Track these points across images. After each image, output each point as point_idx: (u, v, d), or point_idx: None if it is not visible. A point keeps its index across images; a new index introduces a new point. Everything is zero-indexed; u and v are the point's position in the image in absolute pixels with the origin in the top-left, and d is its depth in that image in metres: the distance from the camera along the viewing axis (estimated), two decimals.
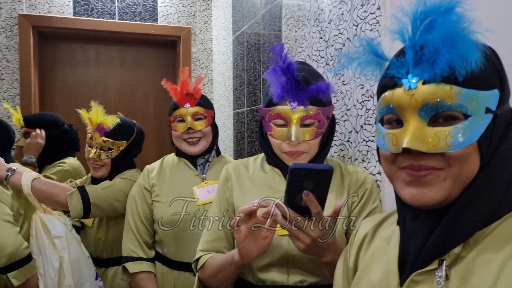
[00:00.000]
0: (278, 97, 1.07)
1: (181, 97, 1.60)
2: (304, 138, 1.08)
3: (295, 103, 1.06)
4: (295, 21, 1.74)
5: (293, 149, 1.09)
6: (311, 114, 1.07)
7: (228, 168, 1.25)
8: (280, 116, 1.08)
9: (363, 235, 0.78)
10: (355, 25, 1.32)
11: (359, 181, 1.15)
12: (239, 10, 2.53)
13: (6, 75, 2.79)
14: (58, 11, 2.89)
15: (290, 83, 1.06)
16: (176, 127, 1.62)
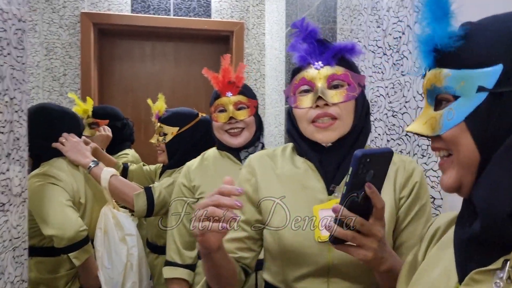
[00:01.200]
0: (301, 60, 0.97)
1: (223, 85, 1.51)
2: (333, 100, 0.94)
3: (320, 63, 0.95)
4: (350, 10, 1.68)
5: (320, 112, 0.94)
6: (339, 74, 0.95)
7: (252, 161, 1.08)
8: (304, 81, 0.96)
9: (435, 228, 0.72)
10: (416, 12, 1.24)
11: (407, 172, 0.98)
12: (293, 3, 2.49)
13: (68, 71, 2.93)
14: (117, 9, 2.99)
15: (313, 45, 0.97)
16: (217, 118, 1.52)
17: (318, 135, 0.95)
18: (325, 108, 0.94)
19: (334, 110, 0.94)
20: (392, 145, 1.36)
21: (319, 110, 0.94)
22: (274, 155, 1.08)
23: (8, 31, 1.06)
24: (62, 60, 2.93)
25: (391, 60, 1.37)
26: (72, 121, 1.73)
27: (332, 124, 0.94)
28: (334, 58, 0.96)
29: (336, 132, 0.95)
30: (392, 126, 1.36)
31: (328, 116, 0.93)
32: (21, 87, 1.14)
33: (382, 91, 1.42)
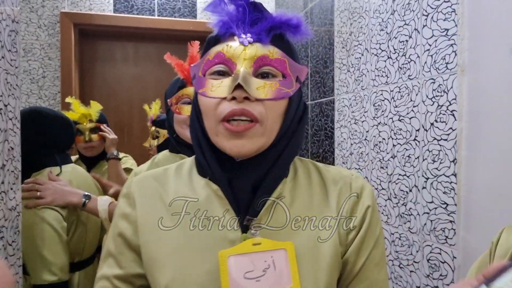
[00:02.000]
0: (222, 27, 0.68)
1: (189, 74, 1.32)
2: (258, 94, 0.64)
3: (248, 36, 0.67)
4: (350, 13, 1.65)
5: (236, 108, 0.63)
6: (273, 57, 0.67)
7: (132, 186, 0.74)
8: (221, 57, 0.66)
9: (506, 247, 0.65)
10: (424, 15, 1.22)
11: (355, 190, 0.73)
12: (283, 4, 2.45)
13: (48, 73, 2.81)
14: (98, 9, 2.89)
15: (243, 9, 0.68)
16: (181, 110, 1.32)
17: (226, 143, 0.65)
18: (245, 103, 0.64)
19: (256, 108, 0.64)
20: (398, 149, 1.34)
21: (234, 104, 0.64)
22: (165, 176, 0.76)
23: (3, 32, 0.98)
24: (41, 61, 2.80)
25: (397, 63, 1.35)
26: (65, 126, 1.60)
27: (250, 129, 0.64)
28: (270, 33, 0.68)
29: (253, 141, 0.65)
30: (399, 131, 1.34)
31: (246, 115, 0.64)
32: (15, 92, 1.06)
33: (387, 95, 1.40)
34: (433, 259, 1.19)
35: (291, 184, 0.72)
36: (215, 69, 0.67)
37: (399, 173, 1.34)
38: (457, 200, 1.11)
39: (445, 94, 1.14)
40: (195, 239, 0.66)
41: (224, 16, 0.69)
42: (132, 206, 0.72)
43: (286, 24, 0.68)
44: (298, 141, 0.72)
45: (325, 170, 0.76)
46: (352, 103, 1.63)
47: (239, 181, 0.67)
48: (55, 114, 1.58)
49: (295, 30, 0.69)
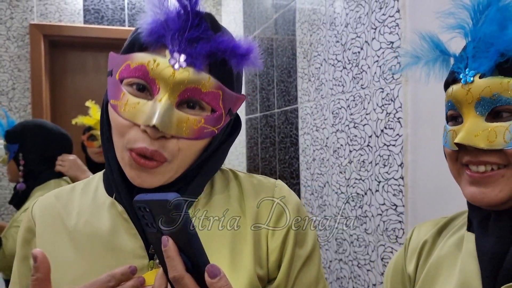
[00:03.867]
0: (152, 34, 0.57)
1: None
2: (177, 132, 0.58)
3: (181, 57, 0.56)
4: (309, 25, 1.73)
5: (148, 148, 0.57)
6: (205, 90, 0.58)
7: (34, 210, 0.68)
8: (144, 73, 0.57)
9: (422, 242, 0.71)
10: (373, 28, 1.30)
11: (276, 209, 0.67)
12: (250, 15, 2.53)
13: (18, 85, 2.80)
14: (68, 20, 2.90)
15: (185, 17, 0.57)
16: None
17: (130, 171, 0.59)
18: (157, 142, 0.57)
19: (169, 146, 0.58)
20: (354, 155, 1.42)
21: (147, 139, 0.57)
22: (71, 194, 0.69)
23: None
24: (11, 73, 2.79)
25: (351, 73, 1.43)
26: (67, 142, 1.73)
27: (157, 167, 0.58)
28: (209, 59, 0.58)
29: (159, 177, 0.60)
30: (354, 137, 1.41)
31: (155, 156, 0.57)
32: None
33: (343, 103, 1.48)
34: (386, 258, 1.26)
35: (205, 201, 0.66)
36: (134, 82, 0.58)
37: (356, 177, 1.41)
38: (405, 201, 1.18)
39: (392, 102, 1.22)
40: (96, 270, 0.60)
41: (159, 14, 0.57)
42: (31, 231, 0.66)
43: (231, 51, 0.58)
44: (215, 165, 0.67)
45: (246, 181, 0.71)
46: (313, 111, 1.71)
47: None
48: (59, 130, 1.71)
49: (241, 59, 0.59)
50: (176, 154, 0.59)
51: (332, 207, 1.56)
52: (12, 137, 1.61)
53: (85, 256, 0.62)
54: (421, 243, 0.71)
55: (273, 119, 2.13)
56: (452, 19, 0.60)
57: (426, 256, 0.70)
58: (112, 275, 0.50)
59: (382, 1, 1.26)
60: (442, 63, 0.64)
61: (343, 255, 1.49)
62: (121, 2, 2.99)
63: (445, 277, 0.64)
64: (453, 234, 0.69)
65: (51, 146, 1.66)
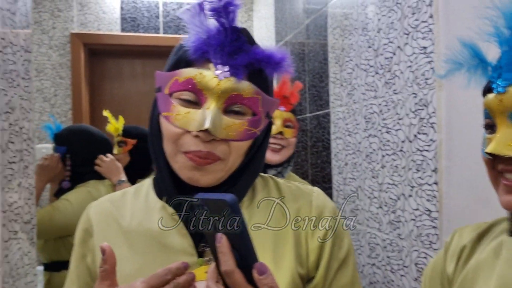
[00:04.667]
0: (197, 51, 0.63)
1: (277, 97, 1.43)
2: (227, 135, 0.64)
3: (225, 69, 0.63)
4: (341, 30, 1.74)
5: (202, 149, 0.63)
6: (247, 96, 0.65)
7: (90, 211, 0.74)
8: (192, 85, 0.63)
9: (461, 246, 0.73)
10: (406, 34, 1.30)
11: (317, 210, 0.72)
12: (282, 21, 2.56)
13: (59, 91, 2.94)
14: (106, 28, 3.02)
15: (224, 33, 0.63)
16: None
17: (185, 172, 0.65)
18: (210, 144, 0.64)
19: (220, 149, 0.65)
20: (387, 160, 1.42)
21: (200, 143, 0.63)
22: (123, 198, 0.75)
23: (17, 62, 1.09)
24: (53, 81, 2.93)
25: (384, 79, 1.43)
26: (108, 145, 1.87)
27: (212, 163, 0.65)
28: (248, 68, 0.65)
29: (212, 175, 0.66)
30: (387, 142, 1.42)
31: (210, 158, 0.64)
32: (28, 116, 1.17)
33: (376, 108, 1.48)
34: (420, 263, 1.26)
35: (247, 203, 0.71)
36: (184, 97, 0.65)
37: (388, 182, 1.41)
38: (439, 207, 1.18)
39: (426, 108, 1.22)
40: (149, 266, 0.65)
41: (201, 33, 0.63)
42: (89, 232, 0.72)
43: (266, 61, 0.65)
44: (256, 168, 0.73)
45: (285, 187, 0.76)
46: (345, 115, 1.72)
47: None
48: (101, 135, 1.85)
49: (276, 67, 0.66)
50: (228, 154, 0.66)
51: (364, 212, 1.57)
52: (60, 140, 1.76)
53: (139, 253, 0.67)
54: (460, 247, 0.73)
55: (305, 124, 2.15)
56: (488, 26, 0.60)
57: (465, 260, 0.71)
58: (168, 269, 0.54)
59: (415, 6, 1.26)
60: (482, 70, 0.65)
61: (376, 259, 1.50)
62: (156, 10, 3.09)
63: (483, 281, 0.65)
64: (493, 239, 0.69)
65: (95, 148, 1.78)
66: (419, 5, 1.24)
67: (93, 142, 1.79)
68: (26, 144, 1.14)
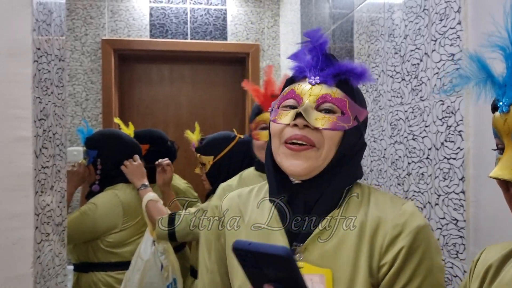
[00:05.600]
0: (297, 71, 0.83)
1: (265, 99, 1.34)
2: (316, 123, 0.76)
3: (316, 78, 0.79)
4: (367, 36, 1.74)
5: (298, 133, 0.76)
6: (335, 97, 0.78)
7: (223, 204, 0.92)
8: (293, 93, 0.80)
9: (487, 266, 0.68)
10: (433, 40, 1.29)
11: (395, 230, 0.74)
12: (308, 26, 2.56)
13: (90, 96, 3.03)
14: (136, 35, 3.09)
15: (316, 58, 0.81)
16: (258, 136, 1.35)
17: (286, 161, 0.77)
18: (305, 130, 0.76)
19: (314, 135, 0.76)
20: (413, 167, 1.40)
21: (296, 130, 0.76)
22: (249, 195, 0.90)
23: (52, 71, 1.13)
24: (84, 85, 3.03)
25: (410, 85, 1.42)
26: (137, 149, 1.92)
27: (306, 150, 0.76)
28: (336, 77, 0.80)
29: (309, 163, 0.76)
30: (413, 149, 1.40)
31: (305, 140, 0.76)
32: (61, 122, 1.21)
33: (402, 115, 1.47)
34: (446, 273, 1.24)
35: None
36: (287, 103, 0.81)
37: (414, 190, 1.40)
38: (466, 216, 1.16)
39: (453, 115, 1.20)
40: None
41: (302, 63, 0.83)
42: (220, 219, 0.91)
43: (350, 72, 0.80)
44: (351, 171, 0.82)
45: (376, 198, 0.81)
46: (371, 121, 1.71)
47: (294, 204, 0.80)
48: (132, 140, 1.92)
49: (359, 77, 0.81)
50: (322, 142, 0.76)
51: None
52: (92, 144, 1.81)
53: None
54: (486, 267, 0.68)
55: None
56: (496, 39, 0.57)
57: (490, 280, 0.67)
58: None
59: (443, 12, 1.24)
60: (491, 85, 0.60)
61: None
62: (184, 16, 3.14)
63: None
64: None
65: (125, 153, 1.82)
66: (447, 12, 1.23)
67: (122, 146, 1.84)
68: (58, 149, 1.19)
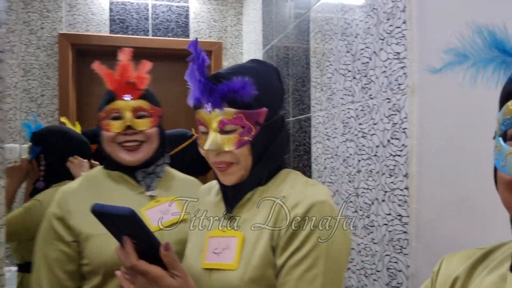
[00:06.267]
0: (194, 100, 0.92)
1: (119, 85, 1.22)
2: (223, 148, 0.88)
3: (209, 105, 0.89)
4: (322, 35, 1.75)
5: (217, 159, 0.91)
6: (229, 117, 0.88)
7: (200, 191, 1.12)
8: (200, 121, 0.92)
9: (453, 278, 0.62)
10: (381, 39, 1.31)
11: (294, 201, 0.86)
12: (269, 25, 2.56)
13: (46, 91, 2.93)
14: (95, 30, 3.02)
15: (204, 82, 0.88)
16: (109, 126, 1.19)
17: (220, 177, 0.94)
18: (220, 156, 0.90)
19: (227, 157, 0.90)
20: (363, 165, 1.42)
21: (214, 157, 0.91)
22: (211, 186, 1.10)
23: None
24: (40, 81, 2.92)
25: (360, 83, 1.44)
26: (84, 147, 1.84)
27: (229, 168, 0.91)
28: (224, 99, 0.88)
29: (235, 175, 0.92)
30: (363, 147, 1.42)
31: (224, 163, 0.90)
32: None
33: (353, 113, 1.49)
34: (391, 268, 1.26)
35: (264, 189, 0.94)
36: (202, 130, 0.93)
37: (363, 187, 1.42)
38: (410, 212, 1.18)
39: (398, 113, 1.22)
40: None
41: (196, 89, 0.89)
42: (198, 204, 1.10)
43: (231, 91, 0.87)
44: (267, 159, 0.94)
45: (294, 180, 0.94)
46: (325, 120, 1.72)
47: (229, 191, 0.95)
48: (79, 136, 1.84)
49: (241, 92, 0.87)
50: (237, 158, 0.89)
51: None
52: (36, 139, 1.73)
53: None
54: (452, 279, 0.62)
55: (288, 128, 2.16)
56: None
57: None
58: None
59: (390, 12, 1.27)
60: (501, 65, 0.50)
61: (351, 264, 1.49)
62: (146, 12, 3.09)
63: None
64: (492, 270, 0.59)
65: (70, 149, 1.75)
66: (394, 11, 1.25)
67: (67, 142, 1.76)
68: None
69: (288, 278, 0.81)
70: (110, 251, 1.07)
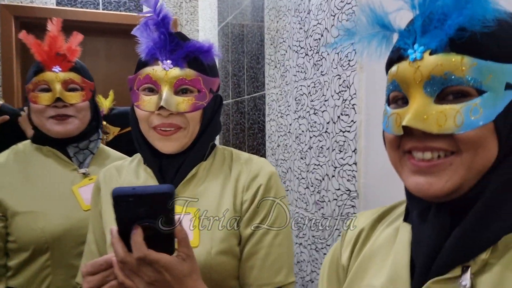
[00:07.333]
0: (148, 54, 0.86)
1: (48, 57, 1.18)
2: (178, 109, 0.84)
3: (169, 62, 0.85)
4: (276, 11, 1.73)
5: (165, 121, 0.85)
6: (189, 79, 0.85)
7: (100, 174, 0.99)
8: (149, 79, 0.85)
9: (358, 231, 0.67)
10: (332, 15, 1.31)
11: (252, 173, 0.90)
12: (224, 1, 2.51)
13: None
14: (40, 1, 2.85)
15: (164, 38, 0.85)
16: (37, 98, 1.15)
17: (158, 143, 0.87)
18: (169, 118, 0.85)
19: (178, 119, 0.86)
20: (314, 141, 1.43)
21: (162, 118, 0.85)
22: (122, 166, 0.99)
23: None
24: None
25: (312, 60, 1.44)
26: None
27: (175, 133, 0.86)
28: (186, 59, 0.86)
29: (179, 142, 0.87)
30: (314, 124, 1.43)
31: (172, 126, 0.86)
32: None
33: (305, 90, 1.49)
34: None
35: (208, 165, 0.94)
36: (145, 87, 0.87)
37: (315, 163, 1.43)
38: (358, 186, 1.20)
39: (348, 89, 1.24)
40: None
41: (150, 41, 0.85)
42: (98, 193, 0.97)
43: (198, 51, 0.87)
44: (212, 130, 0.94)
45: (237, 154, 0.97)
46: (279, 97, 1.72)
47: (167, 167, 0.91)
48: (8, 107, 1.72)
49: (206, 54, 0.88)
50: (187, 123, 0.87)
51: (293, 192, 1.58)
52: None
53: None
54: (357, 232, 0.67)
55: (243, 105, 2.14)
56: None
57: (361, 245, 0.66)
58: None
59: None
60: (382, 40, 0.57)
61: (303, 239, 1.52)
62: None
63: (377, 268, 0.60)
64: (390, 223, 0.65)
65: None
66: None
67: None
68: None
69: (259, 246, 0.86)
70: (39, 229, 1.08)
